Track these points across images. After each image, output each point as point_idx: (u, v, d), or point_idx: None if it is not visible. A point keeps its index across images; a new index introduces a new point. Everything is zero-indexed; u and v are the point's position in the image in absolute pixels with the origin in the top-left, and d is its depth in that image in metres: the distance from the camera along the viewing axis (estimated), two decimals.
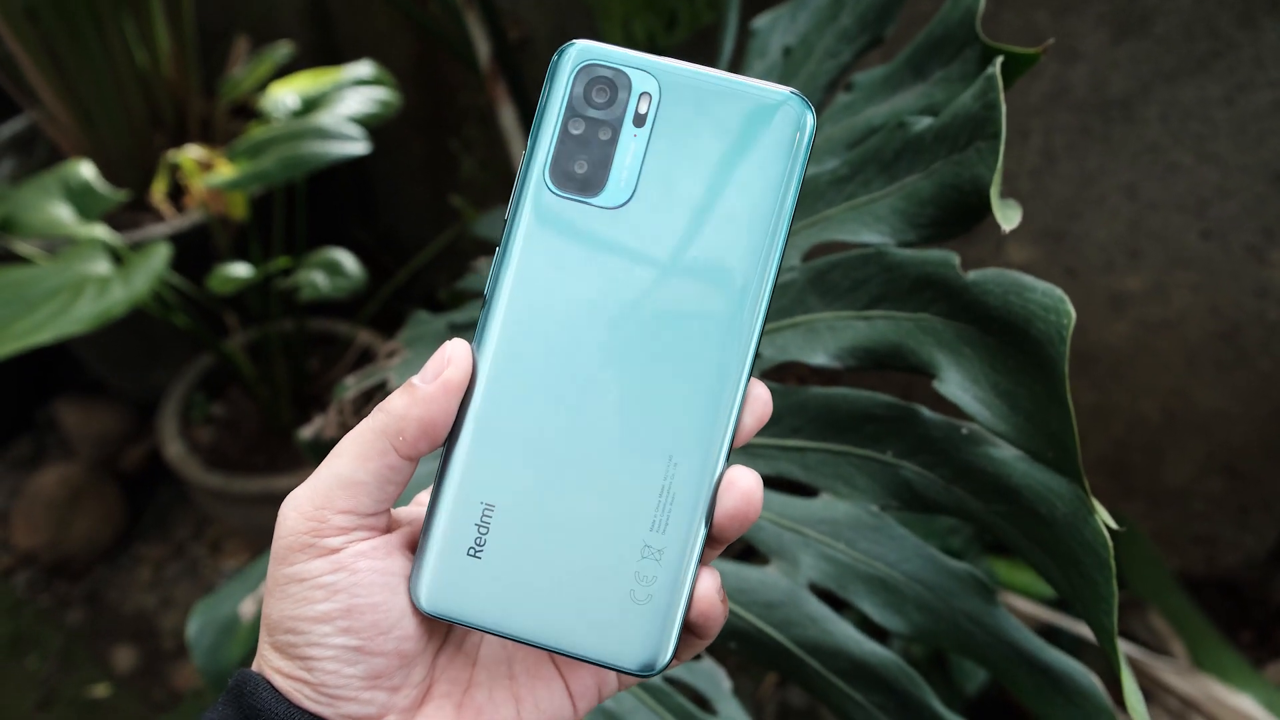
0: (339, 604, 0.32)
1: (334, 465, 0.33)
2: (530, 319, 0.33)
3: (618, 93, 0.33)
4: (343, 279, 1.25)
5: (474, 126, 1.55)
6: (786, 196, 0.32)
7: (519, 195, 0.33)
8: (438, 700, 0.34)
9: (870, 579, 0.55)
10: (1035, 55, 0.48)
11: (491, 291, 0.33)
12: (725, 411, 0.32)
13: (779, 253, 0.32)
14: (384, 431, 0.32)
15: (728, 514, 0.32)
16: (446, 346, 0.33)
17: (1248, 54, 0.92)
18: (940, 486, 0.51)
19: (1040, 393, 0.42)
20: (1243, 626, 1.27)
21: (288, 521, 0.32)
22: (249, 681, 0.32)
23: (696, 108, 0.33)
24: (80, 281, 0.99)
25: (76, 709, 1.38)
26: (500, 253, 0.33)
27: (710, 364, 0.32)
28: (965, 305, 0.47)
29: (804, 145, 0.32)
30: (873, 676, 0.54)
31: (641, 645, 0.32)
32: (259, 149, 1.15)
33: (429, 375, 0.32)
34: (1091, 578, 0.40)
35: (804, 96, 0.32)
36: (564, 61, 0.33)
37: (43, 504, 1.55)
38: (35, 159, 1.60)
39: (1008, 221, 0.42)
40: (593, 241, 0.33)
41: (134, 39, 1.42)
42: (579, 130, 0.33)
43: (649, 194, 0.33)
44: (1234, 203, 1.00)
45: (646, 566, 0.32)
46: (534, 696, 0.35)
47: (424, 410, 0.32)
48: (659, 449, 0.32)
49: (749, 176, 0.32)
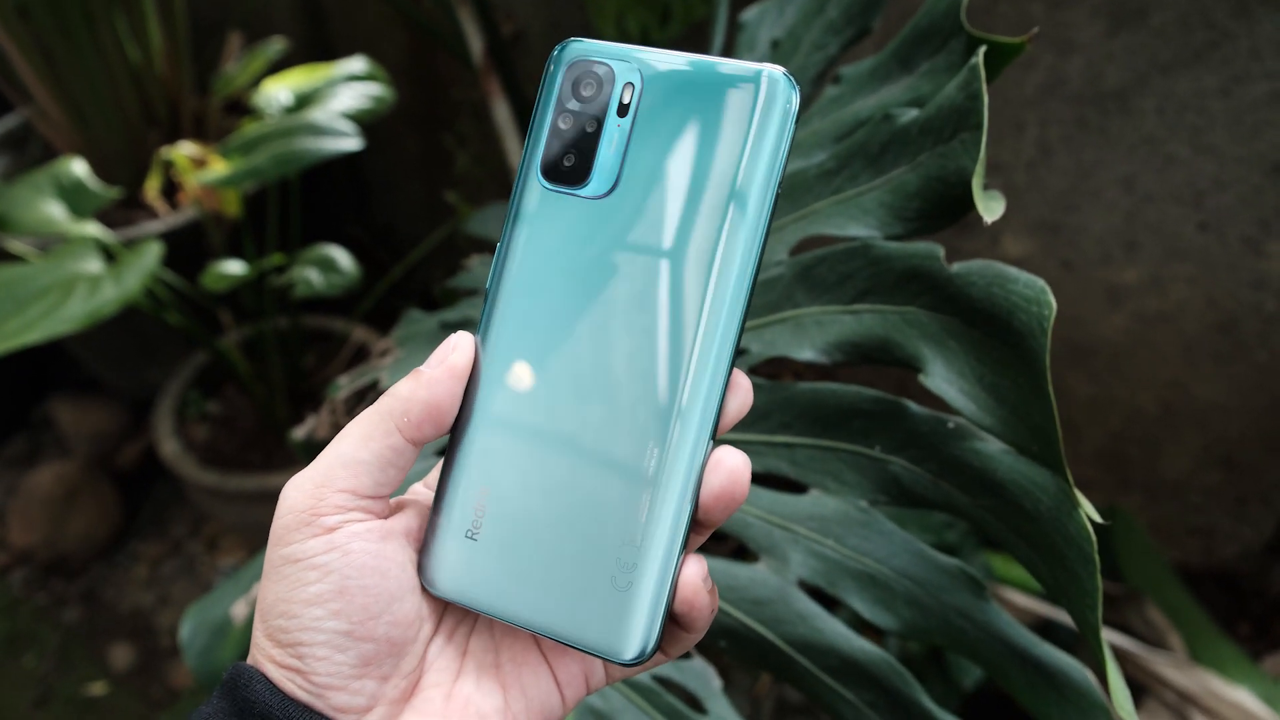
0: (331, 585, 0.32)
1: (338, 446, 0.33)
2: (524, 310, 0.34)
3: (602, 85, 0.34)
4: (337, 276, 1.24)
5: (468, 122, 1.55)
6: (771, 172, 0.32)
7: (516, 191, 0.34)
8: (426, 691, 0.34)
9: (860, 575, 0.54)
10: (1020, 45, 0.47)
11: (492, 283, 0.34)
12: (708, 398, 0.32)
13: (764, 228, 0.32)
14: (389, 413, 0.33)
15: (714, 494, 0.32)
16: (452, 337, 0.35)
17: (1244, 45, 0.91)
18: (928, 481, 0.51)
19: (1024, 385, 0.42)
20: (1240, 619, 1.27)
21: (288, 500, 0.33)
22: (243, 674, 0.33)
23: (677, 93, 0.33)
24: (71, 280, 0.99)
25: (74, 707, 1.38)
26: (500, 247, 0.34)
27: (694, 350, 0.32)
28: (950, 297, 0.47)
29: (781, 116, 0.32)
30: (863, 674, 0.53)
31: (623, 632, 0.32)
32: (252, 145, 1.14)
33: (434, 362, 0.34)
34: (1075, 572, 0.40)
35: (786, 70, 0.32)
36: (555, 59, 0.34)
37: (39, 502, 1.55)
38: (28, 156, 1.60)
39: (990, 213, 0.41)
40: (581, 232, 0.33)
41: (126, 35, 1.41)
42: (566, 124, 0.34)
43: (633, 182, 0.33)
44: (1230, 194, 1.00)
45: (628, 553, 0.32)
46: (520, 685, 0.35)
47: (429, 393, 0.33)
48: (642, 435, 0.32)
49: (730, 156, 0.32)
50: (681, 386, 0.32)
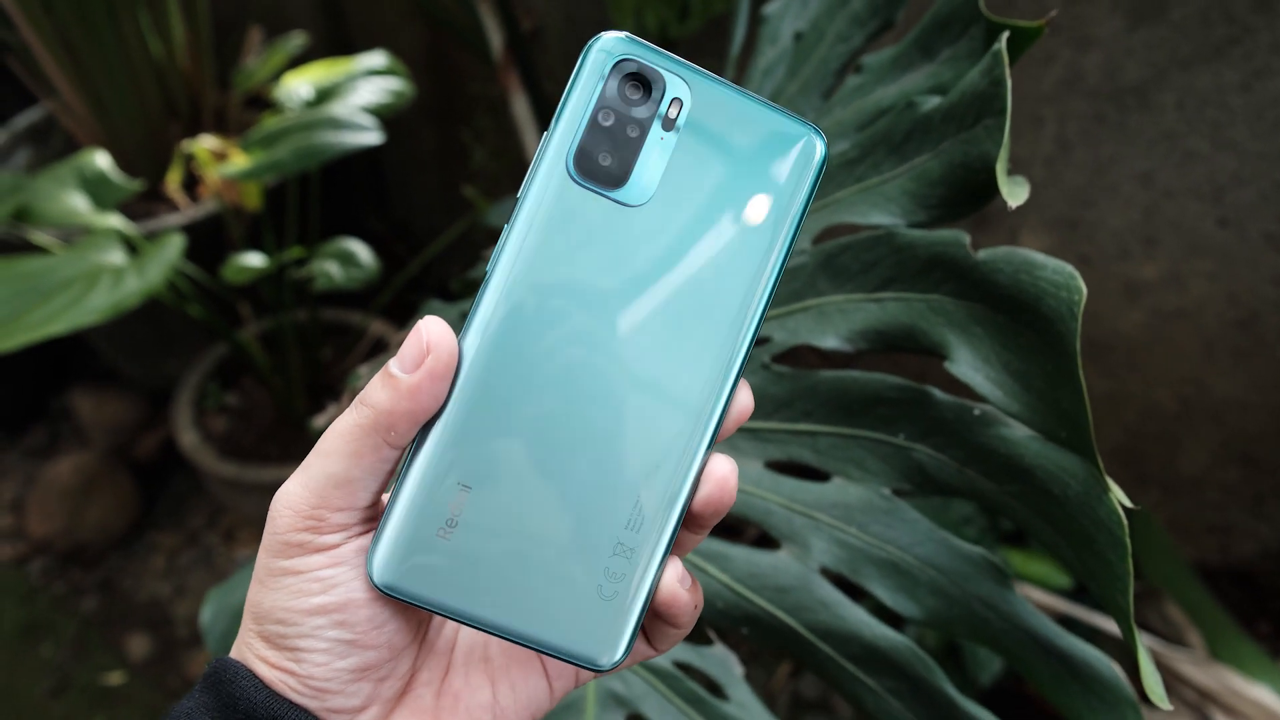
0: (335, 598, 0.31)
1: (326, 465, 0.31)
2: (530, 301, 0.32)
3: (651, 92, 0.33)
4: (356, 269, 1.25)
5: (486, 116, 1.55)
6: (798, 220, 0.33)
7: (536, 177, 0.33)
8: (418, 689, 0.34)
9: (883, 563, 0.55)
10: (1039, 28, 0.48)
11: (494, 268, 0.32)
12: (707, 415, 0.32)
13: (779, 270, 0.33)
14: (374, 429, 0.31)
15: (702, 500, 0.32)
16: (422, 328, 0.31)
17: (1265, 39, 0.91)
18: (953, 469, 0.51)
19: (1052, 371, 0.42)
20: (1259, 616, 1.26)
21: (282, 519, 0.31)
22: (227, 668, 0.32)
23: (723, 123, 0.33)
24: (95, 272, 1.00)
25: (90, 697, 1.39)
26: (508, 231, 0.32)
27: (697, 371, 0.32)
28: (975, 284, 0.47)
29: (815, 178, 0.34)
30: (885, 661, 0.53)
31: (604, 641, 0.32)
32: (273, 139, 1.15)
33: (408, 363, 0.31)
34: (1106, 557, 0.40)
35: (821, 132, 0.33)
36: (600, 51, 0.33)
37: (57, 492, 1.56)
38: (51, 149, 1.61)
39: (1014, 198, 0.41)
40: (606, 235, 0.32)
41: (149, 29, 1.42)
42: (609, 122, 0.33)
43: (667, 198, 0.33)
44: (1251, 190, 0.99)
45: (617, 564, 0.32)
46: (509, 678, 0.35)
47: (412, 404, 0.31)
48: (641, 447, 0.32)
49: (759, 200, 0.33)
50: (685, 402, 0.32)
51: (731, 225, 0.33)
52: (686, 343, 0.32)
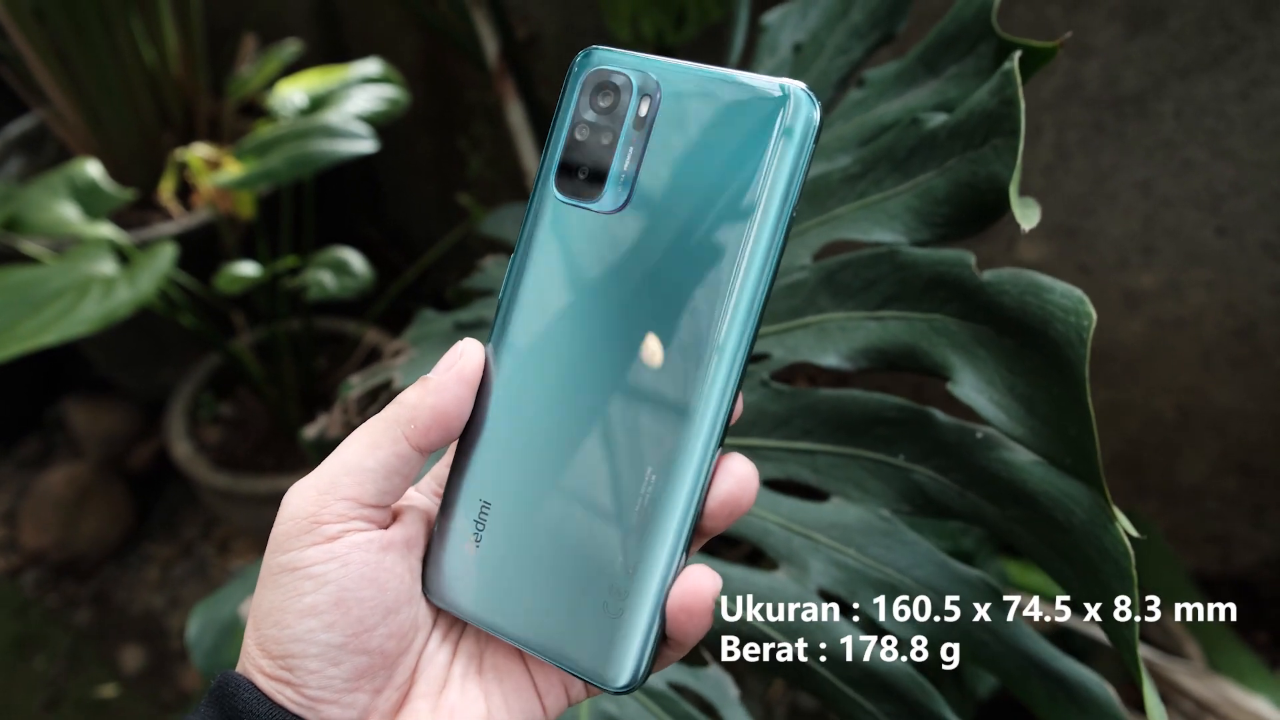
0: (327, 595, 0.32)
1: (342, 453, 0.33)
2: (535, 324, 0.33)
3: (620, 96, 0.33)
4: (350, 278, 1.24)
5: (482, 124, 1.54)
6: (789, 192, 0.31)
7: (531, 203, 0.34)
8: (415, 702, 0.34)
9: (881, 585, 0.54)
10: (1053, 49, 0.47)
11: (504, 295, 0.34)
12: (713, 418, 0.31)
13: (778, 247, 0.31)
14: (396, 420, 0.33)
15: (719, 499, 0.32)
16: (459, 344, 0.34)
17: (1263, 48, 0.91)
18: (954, 492, 0.50)
19: (1059, 396, 0.41)
20: (1258, 628, 1.26)
21: (289, 506, 0.33)
22: (231, 682, 0.32)
23: (696, 107, 0.32)
24: (86, 282, 0.99)
25: (84, 709, 1.38)
26: (513, 258, 0.34)
27: (699, 372, 0.31)
28: (980, 306, 0.46)
29: (802, 134, 0.31)
30: (883, 685, 0.53)
31: (614, 659, 0.32)
32: (267, 147, 1.14)
33: (442, 368, 0.33)
34: (1110, 587, 0.39)
35: (807, 88, 0.31)
36: (575, 68, 0.34)
37: (50, 503, 1.55)
38: (43, 158, 1.60)
39: (1027, 221, 0.41)
40: (590, 248, 0.33)
41: (142, 37, 1.41)
42: (583, 136, 0.33)
43: (646, 198, 0.32)
44: (1249, 199, 0.99)
45: (621, 581, 0.32)
46: (501, 692, 0.35)
47: (437, 399, 0.33)
48: (647, 457, 0.32)
49: (748, 174, 0.31)
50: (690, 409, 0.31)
51: (723, 210, 0.31)
52: (686, 344, 0.32)
